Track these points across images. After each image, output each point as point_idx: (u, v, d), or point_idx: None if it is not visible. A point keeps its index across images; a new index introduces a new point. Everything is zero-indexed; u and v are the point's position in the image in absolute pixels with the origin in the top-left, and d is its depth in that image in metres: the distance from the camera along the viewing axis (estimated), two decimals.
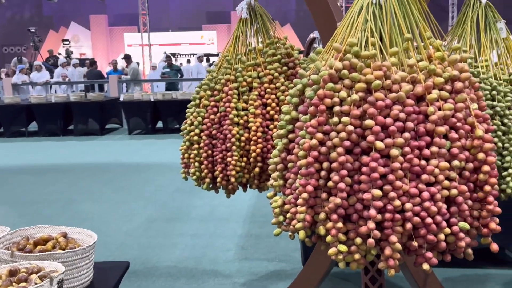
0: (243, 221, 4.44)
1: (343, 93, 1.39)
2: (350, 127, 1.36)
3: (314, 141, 1.39)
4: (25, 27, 22.80)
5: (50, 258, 1.57)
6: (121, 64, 15.92)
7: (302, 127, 1.46)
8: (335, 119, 1.39)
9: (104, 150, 8.80)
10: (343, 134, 1.36)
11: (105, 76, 14.68)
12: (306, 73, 1.54)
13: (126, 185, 5.99)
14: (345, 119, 1.37)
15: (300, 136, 1.46)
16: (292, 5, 27.40)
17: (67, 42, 23.59)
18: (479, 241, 1.51)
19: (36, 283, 1.39)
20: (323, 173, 1.40)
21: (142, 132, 10.67)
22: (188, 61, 19.27)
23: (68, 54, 21.41)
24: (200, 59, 15.61)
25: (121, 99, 10.87)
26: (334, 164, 1.36)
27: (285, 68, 2.34)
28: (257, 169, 2.27)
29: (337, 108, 1.39)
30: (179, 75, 14.21)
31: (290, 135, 1.55)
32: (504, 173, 2.13)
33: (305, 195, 1.41)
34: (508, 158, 2.12)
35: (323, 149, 1.39)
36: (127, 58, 14.09)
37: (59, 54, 21.66)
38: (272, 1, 26.76)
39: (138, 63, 16.02)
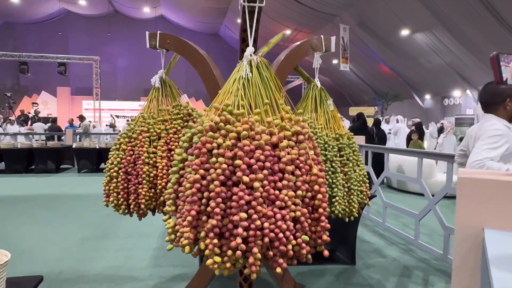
0: (157, 237, 4.04)
1: (220, 140, 1.25)
2: (224, 165, 1.21)
3: (197, 176, 1.22)
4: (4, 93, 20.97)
5: None
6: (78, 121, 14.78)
7: (189, 165, 1.28)
8: (213, 159, 1.23)
9: (57, 185, 7.80)
10: (219, 171, 1.21)
11: (64, 130, 13.50)
12: (194, 124, 1.38)
13: (69, 211, 5.26)
14: (220, 159, 1.22)
15: (188, 172, 1.28)
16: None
17: (36, 104, 21.59)
18: (316, 248, 1.40)
19: None
20: (204, 200, 1.22)
21: (89, 171, 9.72)
22: (128, 121, 18.34)
23: (36, 113, 19.42)
24: None
25: (74, 146, 10.00)
26: (212, 194, 1.20)
27: (186, 123, 2.17)
28: (162, 198, 2.02)
29: (215, 151, 1.24)
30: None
31: (181, 171, 1.36)
32: (333, 200, 2.11)
33: (189, 218, 1.22)
34: (335, 190, 2.10)
35: (204, 182, 1.22)
36: (81, 117, 13.00)
37: (29, 113, 19.65)
38: (192, 82, 26.81)
39: (90, 122, 14.95)
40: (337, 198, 2.10)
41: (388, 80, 25.18)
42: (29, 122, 16.29)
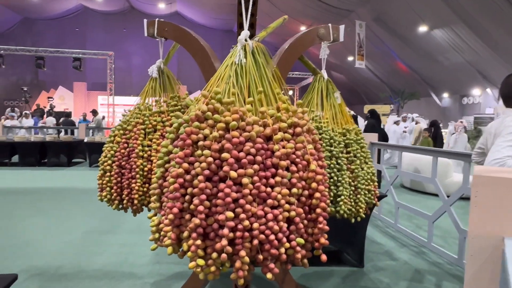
0: None
1: (207, 131, 1.14)
2: (210, 159, 1.10)
3: (180, 170, 1.11)
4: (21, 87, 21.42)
5: None
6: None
7: (173, 158, 1.17)
8: (199, 151, 1.12)
9: (68, 178, 7.86)
10: (204, 165, 1.09)
11: (77, 124, 13.67)
12: (181, 114, 1.27)
13: (77, 205, 5.25)
14: (206, 152, 1.11)
15: (172, 166, 1.17)
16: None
17: (51, 99, 21.95)
18: (313, 252, 1.27)
19: None
20: (187, 197, 1.11)
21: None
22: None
23: (51, 108, 19.74)
24: None
25: (85, 140, 10.08)
26: (196, 190, 1.09)
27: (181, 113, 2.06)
28: None
29: (200, 143, 1.13)
30: None
31: (167, 165, 1.25)
32: (339, 199, 1.97)
33: (171, 216, 1.11)
34: (341, 188, 1.97)
35: (188, 176, 1.11)
36: (94, 112, 13.13)
37: (44, 107, 20.00)
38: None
39: (103, 116, 15.11)
40: (342, 197, 1.97)
41: (404, 77, 24.63)
42: (44, 116, 16.55)
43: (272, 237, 1.10)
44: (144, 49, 28.35)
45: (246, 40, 1.36)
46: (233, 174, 1.08)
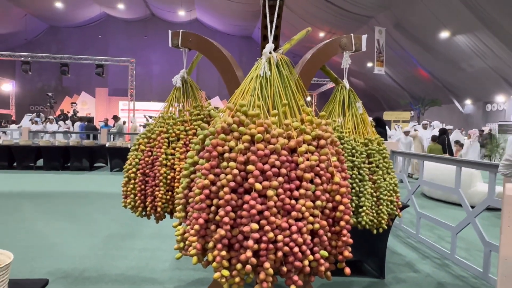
0: None
1: (232, 143, 1.16)
2: (236, 171, 1.12)
3: (206, 181, 1.13)
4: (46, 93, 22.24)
5: None
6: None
7: (199, 169, 1.20)
8: (224, 163, 1.14)
9: (90, 182, 8.05)
10: (229, 176, 1.11)
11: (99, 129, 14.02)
12: (207, 125, 1.29)
13: (100, 208, 5.38)
14: (232, 164, 1.12)
15: (197, 177, 1.19)
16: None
17: (75, 104, 22.60)
18: (337, 264, 1.27)
19: None
20: (212, 208, 1.13)
21: (121, 170, 9.98)
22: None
23: (75, 113, 20.31)
24: None
25: (107, 145, 10.31)
26: (221, 201, 1.10)
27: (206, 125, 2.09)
28: None
29: (226, 155, 1.15)
30: None
31: (192, 175, 1.28)
32: (360, 210, 1.96)
33: (197, 226, 1.13)
34: (363, 199, 1.95)
35: (214, 188, 1.13)
36: (115, 117, 13.43)
37: (68, 112, 20.59)
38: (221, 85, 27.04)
39: (124, 122, 15.42)
40: (364, 208, 1.95)
41: (425, 84, 24.18)
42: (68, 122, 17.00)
43: (296, 249, 1.10)
44: (165, 56, 28.90)
45: (270, 52, 1.38)
46: (258, 186, 1.10)
